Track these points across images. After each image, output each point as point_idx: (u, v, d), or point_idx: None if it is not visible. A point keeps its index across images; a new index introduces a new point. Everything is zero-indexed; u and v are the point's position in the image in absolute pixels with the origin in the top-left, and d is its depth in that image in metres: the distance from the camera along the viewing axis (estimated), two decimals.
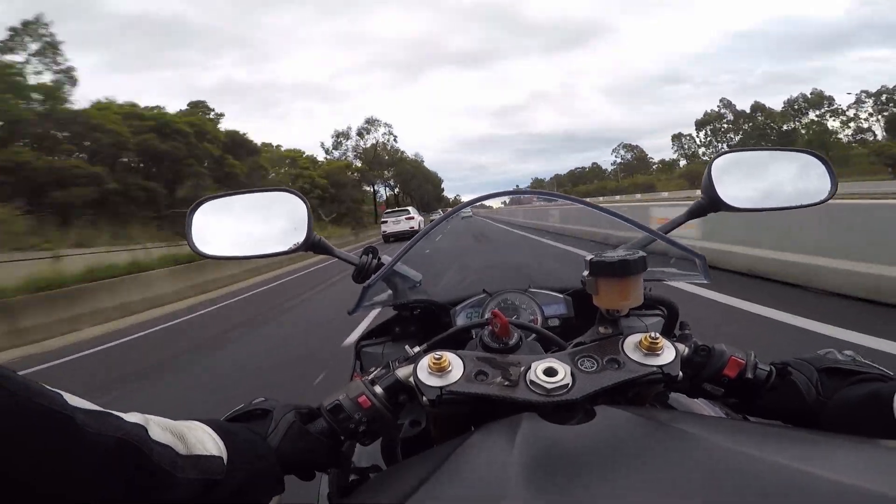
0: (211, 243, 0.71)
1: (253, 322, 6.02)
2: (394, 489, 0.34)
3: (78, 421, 0.27)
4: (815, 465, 0.28)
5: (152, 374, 4.12)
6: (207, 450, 0.36)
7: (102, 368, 4.61)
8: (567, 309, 0.77)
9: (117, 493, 0.28)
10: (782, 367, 0.48)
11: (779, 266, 4.33)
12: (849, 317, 3.10)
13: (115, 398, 3.39)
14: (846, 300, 3.53)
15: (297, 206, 0.71)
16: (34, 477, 0.25)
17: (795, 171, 0.78)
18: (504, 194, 0.92)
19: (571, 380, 0.41)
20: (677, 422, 0.35)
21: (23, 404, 0.25)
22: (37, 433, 0.25)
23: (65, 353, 5.42)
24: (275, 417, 0.45)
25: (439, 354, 0.44)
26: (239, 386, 3.40)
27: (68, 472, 0.26)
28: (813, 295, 3.78)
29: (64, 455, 0.26)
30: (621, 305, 0.50)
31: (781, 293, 3.97)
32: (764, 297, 3.80)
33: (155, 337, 5.91)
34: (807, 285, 3.97)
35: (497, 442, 0.35)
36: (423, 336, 0.67)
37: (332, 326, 4.66)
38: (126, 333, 6.23)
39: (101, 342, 5.80)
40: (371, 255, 0.75)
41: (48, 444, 0.26)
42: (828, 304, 3.50)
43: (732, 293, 3.93)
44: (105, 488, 0.28)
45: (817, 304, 3.54)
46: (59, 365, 4.90)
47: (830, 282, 3.76)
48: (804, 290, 3.92)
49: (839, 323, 2.98)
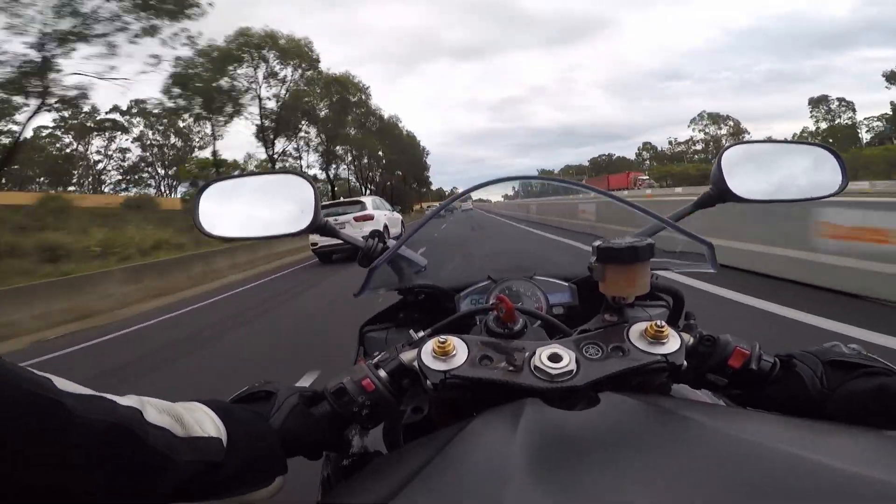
0: (218, 225, 0.71)
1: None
2: (395, 473, 0.34)
3: (68, 406, 0.27)
4: (819, 454, 0.28)
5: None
6: (206, 431, 0.35)
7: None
8: (572, 297, 0.77)
9: (112, 477, 0.28)
10: (787, 358, 0.48)
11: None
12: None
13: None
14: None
15: (305, 188, 0.71)
16: (24, 464, 0.25)
17: (806, 164, 0.77)
18: (508, 179, 0.83)
19: (576, 366, 0.41)
20: (682, 409, 0.35)
21: (10, 390, 0.24)
22: (25, 419, 0.25)
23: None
24: (278, 399, 0.45)
25: (444, 338, 0.44)
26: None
27: (59, 459, 0.26)
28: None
29: (54, 441, 0.26)
30: (628, 293, 0.50)
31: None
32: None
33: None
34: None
35: (500, 427, 0.35)
36: (426, 322, 0.68)
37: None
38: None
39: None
40: (377, 238, 0.76)
41: (37, 430, 0.25)
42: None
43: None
44: (98, 473, 0.28)
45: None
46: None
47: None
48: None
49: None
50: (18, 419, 0.24)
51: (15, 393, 0.25)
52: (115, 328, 5.52)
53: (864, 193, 13.92)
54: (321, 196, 0.71)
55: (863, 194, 10.52)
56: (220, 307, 6.38)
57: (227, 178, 0.76)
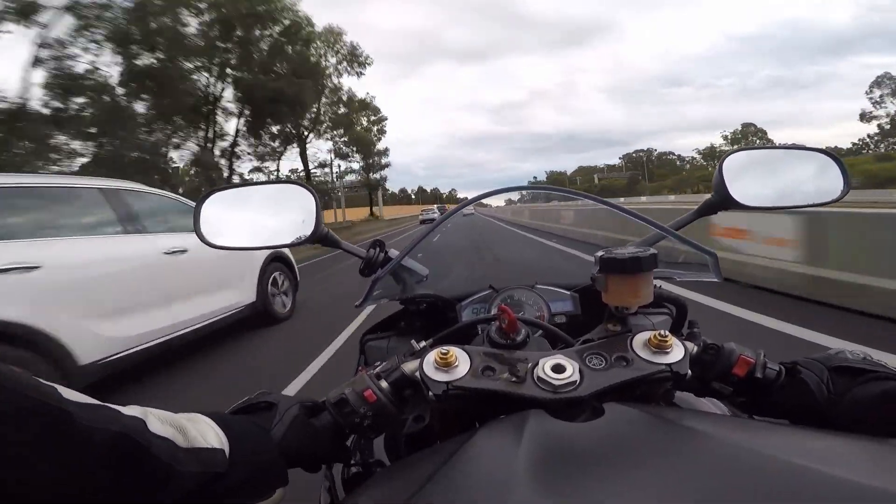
0: (220, 234, 0.72)
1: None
2: (400, 484, 0.34)
3: (73, 414, 0.27)
4: (825, 464, 0.27)
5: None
6: (209, 442, 0.35)
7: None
8: (574, 306, 0.77)
9: (116, 487, 0.28)
10: (792, 366, 0.48)
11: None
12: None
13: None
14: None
15: (307, 198, 0.71)
16: (29, 473, 0.25)
17: (808, 170, 0.77)
18: (510, 190, 0.82)
19: (579, 377, 0.41)
20: (687, 420, 0.35)
21: (16, 399, 0.25)
22: (30, 428, 0.25)
23: None
24: (279, 410, 0.45)
25: (446, 349, 0.44)
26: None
27: (64, 467, 0.26)
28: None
29: (59, 450, 0.26)
30: (631, 303, 0.50)
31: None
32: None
33: None
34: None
35: (504, 438, 0.34)
36: (428, 331, 0.67)
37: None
38: None
39: None
40: (378, 248, 0.76)
41: (42, 439, 0.25)
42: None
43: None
44: (102, 482, 0.28)
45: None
46: None
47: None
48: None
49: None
50: (24, 427, 0.25)
51: (21, 401, 0.25)
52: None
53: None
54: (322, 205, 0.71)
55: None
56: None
57: (228, 188, 0.76)
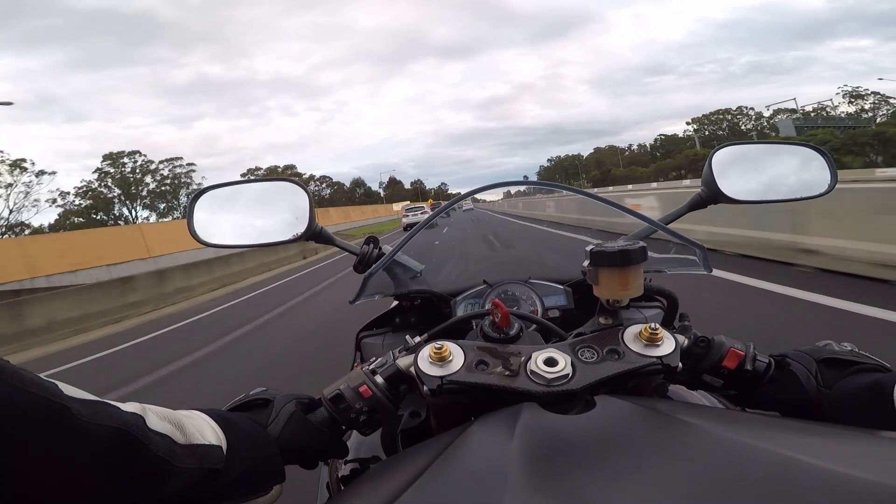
0: (213, 232, 0.71)
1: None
2: (394, 478, 0.34)
3: (73, 411, 0.27)
4: (814, 456, 0.28)
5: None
6: (206, 439, 0.36)
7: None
8: (567, 300, 0.78)
9: (114, 482, 0.28)
10: (781, 358, 0.49)
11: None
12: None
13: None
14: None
15: (299, 196, 0.71)
16: (29, 467, 0.25)
17: (795, 164, 0.78)
18: (506, 185, 0.87)
19: (572, 370, 0.41)
20: (678, 412, 0.36)
21: (17, 394, 0.25)
22: (31, 423, 0.25)
23: None
24: (276, 407, 0.45)
25: (440, 344, 0.44)
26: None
27: (64, 462, 0.26)
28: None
29: (59, 445, 0.26)
30: (622, 295, 0.50)
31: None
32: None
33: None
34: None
35: (497, 431, 0.35)
36: (423, 327, 0.68)
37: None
38: None
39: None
40: (372, 244, 0.76)
41: (43, 434, 0.25)
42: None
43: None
44: (102, 477, 0.28)
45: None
46: None
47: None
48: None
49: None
50: (25, 422, 0.25)
51: (22, 397, 0.25)
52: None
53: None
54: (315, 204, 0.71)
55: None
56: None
57: (220, 186, 0.75)
